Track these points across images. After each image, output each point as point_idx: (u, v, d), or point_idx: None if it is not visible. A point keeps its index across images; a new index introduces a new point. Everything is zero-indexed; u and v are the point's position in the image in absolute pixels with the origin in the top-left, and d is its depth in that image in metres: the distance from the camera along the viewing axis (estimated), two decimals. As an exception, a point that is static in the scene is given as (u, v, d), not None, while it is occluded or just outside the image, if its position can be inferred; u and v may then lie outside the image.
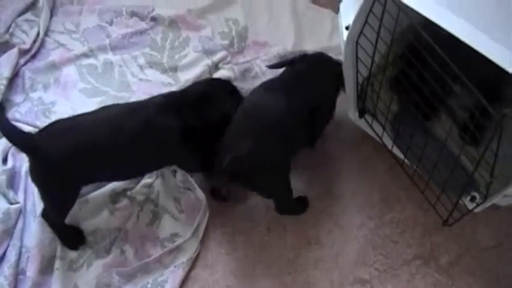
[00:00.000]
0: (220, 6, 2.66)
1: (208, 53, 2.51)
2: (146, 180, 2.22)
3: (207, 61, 2.48)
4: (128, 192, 2.20)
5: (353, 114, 2.20)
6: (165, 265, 2.08)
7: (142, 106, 2.03)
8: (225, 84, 2.18)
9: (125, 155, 1.98)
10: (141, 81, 2.49)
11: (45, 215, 2.09)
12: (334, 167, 2.24)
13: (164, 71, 2.50)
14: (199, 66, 2.47)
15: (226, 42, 2.55)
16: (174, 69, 2.50)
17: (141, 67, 2.52)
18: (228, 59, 2.49)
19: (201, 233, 2.12)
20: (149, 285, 2.05)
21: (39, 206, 2.14)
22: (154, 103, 2.03)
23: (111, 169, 2.03)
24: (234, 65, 2.47)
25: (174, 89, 2.37)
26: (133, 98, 2.37)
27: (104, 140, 1.93)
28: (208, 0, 2.67)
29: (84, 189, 2.14)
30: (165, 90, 2.34)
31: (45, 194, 2.01)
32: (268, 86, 2.07)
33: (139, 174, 2.17)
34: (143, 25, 2.62)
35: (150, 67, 2.52)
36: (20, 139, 1.93)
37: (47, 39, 2.64)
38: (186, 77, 2.45)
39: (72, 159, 1.91)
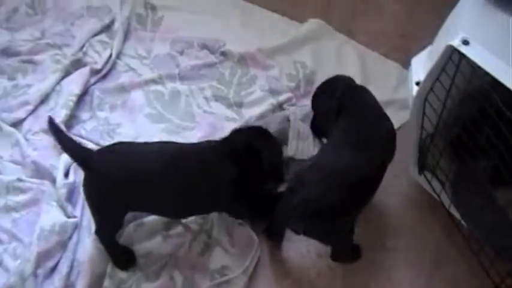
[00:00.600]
0: (290, 49, 2.73)
1: (274, 92, 2.58)
2: None
3: (272, 100, 2.55)
4: (183, 220, 2.26)
5: (412, 170, 2.24)
6: (212, 298, 2.14)
7: (200, 149, 2.11)
8: (264, 132, 2.22)
9: (176, 193, 2.05)
10: (206, 113, 2.56)
11: (98, 232, 2.17)
12: (389, 220, 2.28)
13: (229, 105, 2.58)
14: (264, 105, 2.54)
15: (292, 84, 2.62)
16: (239, 105, 2.58)
17: (207, 99, 2.60)
18: (293, 101, 2.56)
19: (250, 270, 2.16)
20: (194, 316, 2.11)
21: (95, 222, 2.23)
22: (212, 147, 2.10)
23: (159, 204, 2.11)
24: (298, 107, 2.53)
25: (237, 124, 2.45)
26: (197, 129, 2.48)
27: (157, 175, 2.01)
28: (278, 41, 2.75)
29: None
30: (229, 124, 2.47)
31: (94, 211, 2.10)
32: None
33: (185, 215, 2.22)
34: (213, 58, 2.72)
35: (216, 100, 2.60)
36: (78, 153, 2.05)
37: (118, 61, 2.75)
38: (250, 114, 2.52)
39: (124, 185, 2.00)
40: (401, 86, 2.57)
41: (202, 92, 2.62)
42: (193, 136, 2.45)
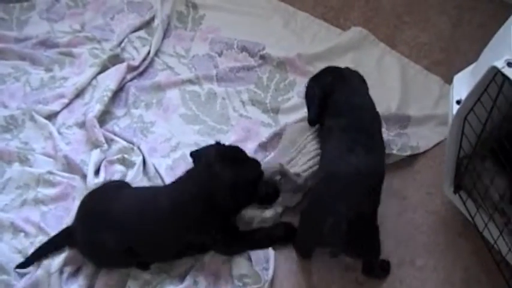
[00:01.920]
0: (330, 56, 2.74)
1: None
2: None
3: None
4: None
5: (448, 188, 2.24)
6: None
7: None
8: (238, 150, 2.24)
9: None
10: (241, 117, 2.61)
11: None
12: (420, 237, 2.29)
13: (265, 110, 2.62)
14: (300, 113, 2.55)
15: None
16: (276, 110, 2.61)
17: (243, 103, 2.65)
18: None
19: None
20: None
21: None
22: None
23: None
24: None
25: (273, 129, 2.51)
26: (231, 132, 2.54)
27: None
28: (319, 47, 2.78)
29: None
30: (264, 130, 2.53)
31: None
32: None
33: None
34: (252, 62, 2.76)
35: (252, 104, 2.64)
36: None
37: (156, 59, 2.81)
38: (286, 120, 2.54)
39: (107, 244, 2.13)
40: (442, 100, 2.59)
41: (239, 95, 2.67)
42: (227, 139, 2.49)
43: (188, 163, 2.30)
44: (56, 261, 2.21)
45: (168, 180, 2.39)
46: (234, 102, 2.65)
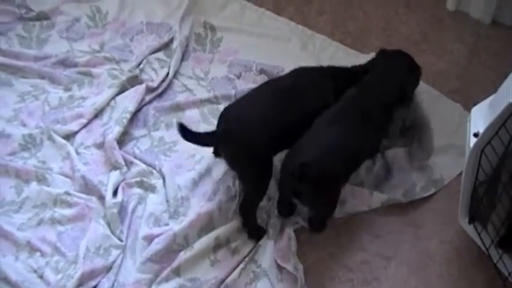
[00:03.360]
0: None
1: None
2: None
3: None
4: (232, 245, 2.32)
5: (463, 219, 2.24)
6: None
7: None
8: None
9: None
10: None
11: (244, 203, 2.34)
12: (433, 267, 2.29)
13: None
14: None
15: None
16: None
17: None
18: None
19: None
20: None
21: (140, 244, 2.32)
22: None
23: (289, 130, 2.28)
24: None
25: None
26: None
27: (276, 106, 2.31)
28: None
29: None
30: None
31: (246, 175, 2.32)
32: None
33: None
34: None
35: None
36: (208, 139, 2.34)
37: (175, 81, 2.81)
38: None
39: (259, 133, 2.24)
40: (461, 129, 2.51)
41: None
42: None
43: (212, 178, 2.46)
44: (70, 283, 2.22)
45: (193, 198, 2.44)
46: None
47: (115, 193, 2.45)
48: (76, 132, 2.65)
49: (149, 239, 2.33)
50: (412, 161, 2.51)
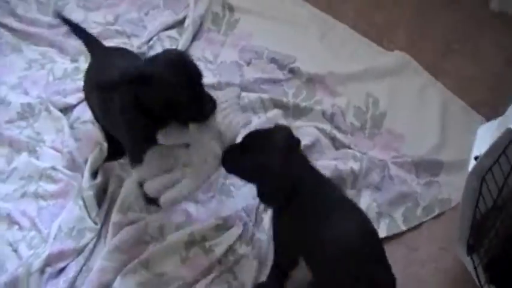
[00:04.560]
0: (365, 78, 2.57)
1: (335, 126, 2.44)
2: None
3: (330, 133, 2.42)
4: (207, 244, 2.18)
5: (460, 249, 2.00)
6: None
7: None
8: None
9: None
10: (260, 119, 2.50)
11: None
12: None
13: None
14: (320, 137, 2.41)
15: (357, 124, 2.46)
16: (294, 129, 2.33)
17: (264, 108, 2.52)
18: (352, 146, 2.40)
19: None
20: None
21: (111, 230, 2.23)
22: None
23: None
24: (362, 155, 2.36)
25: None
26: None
27: None
28: (355, 67, 2.61)
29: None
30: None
31: None
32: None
33: None
34: (279, 75, 2.63)
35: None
36: None
37: (182, 61, 2.69)
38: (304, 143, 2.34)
39: None
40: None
41: (262, 101, 2.53)
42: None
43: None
44: (37, 261, 2.16)
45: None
46: (255, 104, 2.52)
47: (95, 174, 2.37)
48: (74, 106, 2.59)
49: (121, 225, 2.23)
50: (418, 175, 2.32)
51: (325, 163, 2.31)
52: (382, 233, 2.18)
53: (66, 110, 2.59)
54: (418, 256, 2.16)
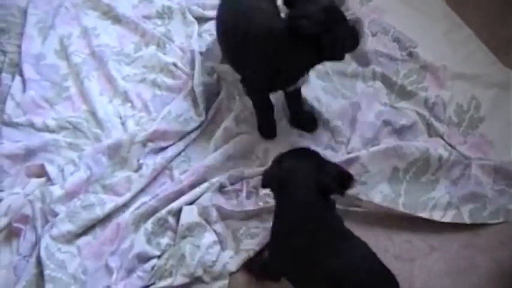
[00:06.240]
0: (475, 83, 2.58)
1: (432, 114, 2.48)
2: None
3: (428, 120, 2.47)
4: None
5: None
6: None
7: None
8: None
9: None
10: (368, 87, 2.58)
11: None
12: (472, 278, 2.14)
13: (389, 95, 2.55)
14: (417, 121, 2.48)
15: (455, 119, 2.49)
16: (394, 107, 2.52)
17: (374, 77, 2.60)
18: (445, 137, 2.44)
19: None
20: None
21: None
22: None
23: None
24: (452, 148, 2.40)
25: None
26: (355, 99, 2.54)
27: None
28: (467, 68, 2.61)
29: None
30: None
31: None
32: None
33: None
34: (398, 54, 2.65)
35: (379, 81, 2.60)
36: None
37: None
38: (402, 123, 2.45)
39: None
40: None
41: (373, 72, 2.59)
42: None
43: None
44: (141, 134, 2.35)
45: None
46: (365, 73, 2.59)
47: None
48: (208, 20, 2.73)
49: (232, 132, 2.39)
50: (495, 181, 2.33)
51: (418, 144, 2.35)
52: (446, 219, 2.23)
53: (200, 19, 2.74)
54: (478, 242, 2.21)
